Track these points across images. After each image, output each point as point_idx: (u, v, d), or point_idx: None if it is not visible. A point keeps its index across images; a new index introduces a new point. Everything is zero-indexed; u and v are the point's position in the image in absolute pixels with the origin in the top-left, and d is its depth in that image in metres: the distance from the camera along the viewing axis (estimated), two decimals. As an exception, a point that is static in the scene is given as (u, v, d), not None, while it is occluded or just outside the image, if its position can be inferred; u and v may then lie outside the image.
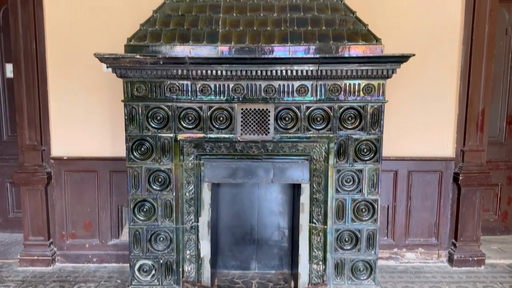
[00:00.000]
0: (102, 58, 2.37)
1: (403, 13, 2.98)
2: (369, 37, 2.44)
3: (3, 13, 3.42)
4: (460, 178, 3.08)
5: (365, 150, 2.54)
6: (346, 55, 2.42)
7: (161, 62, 2.39)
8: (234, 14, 2.55)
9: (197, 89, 2.50)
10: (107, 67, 2.44)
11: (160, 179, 2.58)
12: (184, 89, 2.50)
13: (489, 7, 2.95)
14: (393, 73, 2.43)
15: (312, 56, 2.41)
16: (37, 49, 2.99)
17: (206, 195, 2.61)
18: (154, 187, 2.58)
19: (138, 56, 2.37)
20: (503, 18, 3.37)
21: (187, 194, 2.61)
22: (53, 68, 3.04)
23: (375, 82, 2.47)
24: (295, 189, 2.83)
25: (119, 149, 3.01)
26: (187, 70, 2.43)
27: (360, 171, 2.56)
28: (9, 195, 3.68)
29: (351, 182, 2.58)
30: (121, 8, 2.97)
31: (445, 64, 3.04)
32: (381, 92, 2.48)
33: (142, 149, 2.55)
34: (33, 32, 2.96)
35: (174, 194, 2.58)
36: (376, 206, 2.59)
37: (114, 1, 2.97)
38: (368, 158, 2.55)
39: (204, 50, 2.44)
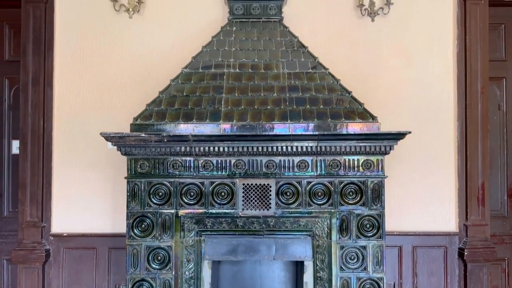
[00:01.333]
0: (108, 137, 2.44)
1: (397, 91, 3.10)
2: (366, 115, 2.53)
3: (13, 93, 3.56)
4: (465, 253, 3.02)
5: (367, 226, 2.53)
6: (344, 132, 2.49)
7: (165, 140, 2.46)
8: (236, 94, 2.66)
9: (200, 165, 2.55)
10: (112, 144, 2.50)
11: (159, 257, 2.53)
12: (187, 165, 2.55)
13: (480, 84, 3.09)
14: (390, 149, 2.49)
15: (311, 133, 2.49)
16: (44, 127, 3.08)
17: (206, 273, 2.55)
18: (154, 265, 2.53)
19: (143, 135, 2.45)
20: (494, 94, 3.50)
21: (186, 272, 2.55)
22: (58, 145, 3.11)
23: (373, 158, 2.52)
24: (298, 266, 2.77)
25: (119, 226, 2.99)
26: (190, 147, 2.49)
27: (364, 247, 2.53)
28: (4, 273, 3.57)
29: (355, 260, 2.53)
30: (128, 88, 3.10)
31: (442, 139, 3.11)
32: (380, 168, 2.52)
33: (143, 225, 2.54)
34: (42, 111, 3.07)
35: (173, 273, 2.53)
36: (382, 285, 2.52)
37: (122, 82, 3.10)
38: (371, 234, 2.53)
39: (207, 128, 2.53)
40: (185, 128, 2.52)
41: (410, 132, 2.43)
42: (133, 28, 3.11)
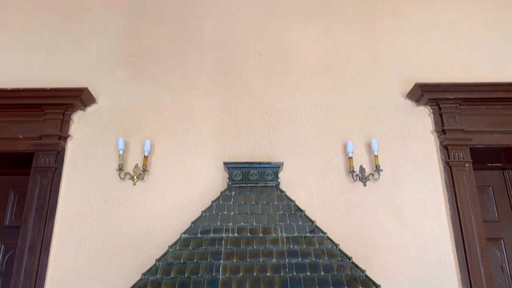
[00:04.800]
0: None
1: (396, 254, 3.05)
2: (368, 283, 2.46)
3: (7, 259, 3.49)
4: None
5: None
6: (348, 302, 2.39)
7: (159, 313, 2.34)
8: (234, 260, 2.62)
9: None
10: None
11: None
12: None
13: (479, 247, 3.06)
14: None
15: (314, 303, 2.39)
16: (34, 296, 2.95)
17: None
18: None
19: (136, 308, 2.34)
20: (495, 256, 3.46)
21: None
22: (46, 317, 2.93)
23: (381, 330, 2.37)
24: None
25: None
26: (185, 320, 2.35)
27: None
28: None
29: None
30: (125, 254, 3.04)
31: (450, 306, 2.96)
32: None
33: None
34: (34, 279, 2.94)
35: None
36: None
37: (119, 248, 3.06)
38: None
39: (204, 298, 2.42)
40: (181, 299, 2.42)
41: (415, 302, 2.35)
42: (135, 193, 3.20)
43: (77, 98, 3.26)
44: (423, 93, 3.28)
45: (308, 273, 2.53)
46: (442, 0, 3.78)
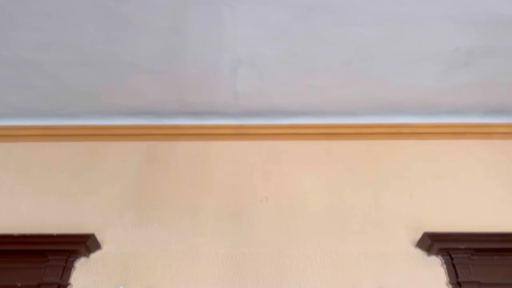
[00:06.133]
0: None
1: None
2: None
3: None
4: None
5: None
6: None
7: None
8: None
9: None
10: None
11: None
12: None
13: None
14: None
15: None
16: None
17: None
18: None
19: None
20: None
21: None
22: None
23: None
24: None
25: None
26: None
27: None
28: None
29: None
30: None
31: None
32: None
33: None
34: None
35: None
36: None
37: None
38: None
39: None
40: None
41: None
42: None
43: (82, 244, 3.21)
44: (433, 243, 3.20)
45: None
46: (439, 152, 3.91)
